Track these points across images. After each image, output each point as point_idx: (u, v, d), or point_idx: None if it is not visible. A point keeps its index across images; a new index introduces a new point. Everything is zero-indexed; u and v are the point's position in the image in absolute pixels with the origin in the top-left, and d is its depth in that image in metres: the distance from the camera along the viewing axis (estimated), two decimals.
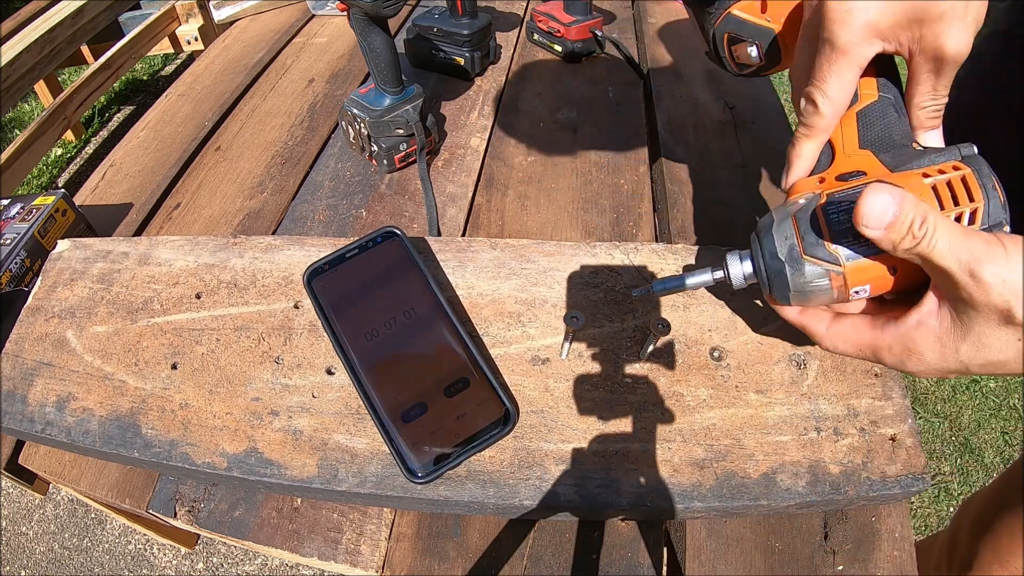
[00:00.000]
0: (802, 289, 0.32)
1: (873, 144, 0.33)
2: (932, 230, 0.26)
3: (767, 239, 0.33)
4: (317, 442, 0.40)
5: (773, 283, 0.33)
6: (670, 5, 0.98)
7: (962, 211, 0.29)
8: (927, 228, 0.27)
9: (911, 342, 0.30)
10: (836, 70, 0.32)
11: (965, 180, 0.29)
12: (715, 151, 0.69)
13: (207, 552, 1.09)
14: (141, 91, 2.23)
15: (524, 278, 0.46)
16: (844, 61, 0.32)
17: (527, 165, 0.69)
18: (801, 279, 0.32)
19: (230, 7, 1.07)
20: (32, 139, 1.39)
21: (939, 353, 0.29)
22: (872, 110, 0.34)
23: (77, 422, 0.42)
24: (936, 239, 0.26)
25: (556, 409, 0.40)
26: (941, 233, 0.26)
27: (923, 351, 0.30)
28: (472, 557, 0.41)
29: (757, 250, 0.34)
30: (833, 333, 0.33)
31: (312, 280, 0.43)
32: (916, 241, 0.27)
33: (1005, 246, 0.26)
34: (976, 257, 0.26)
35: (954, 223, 0.27)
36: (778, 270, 0.32)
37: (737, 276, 0.35)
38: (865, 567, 0.39)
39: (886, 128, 0.33)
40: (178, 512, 0.44)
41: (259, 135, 0.76)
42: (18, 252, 0.53)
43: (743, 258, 0.35)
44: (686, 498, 0.37)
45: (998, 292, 0.26)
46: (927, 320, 0.29)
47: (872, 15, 0.30)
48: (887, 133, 0.33)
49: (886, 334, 0.31)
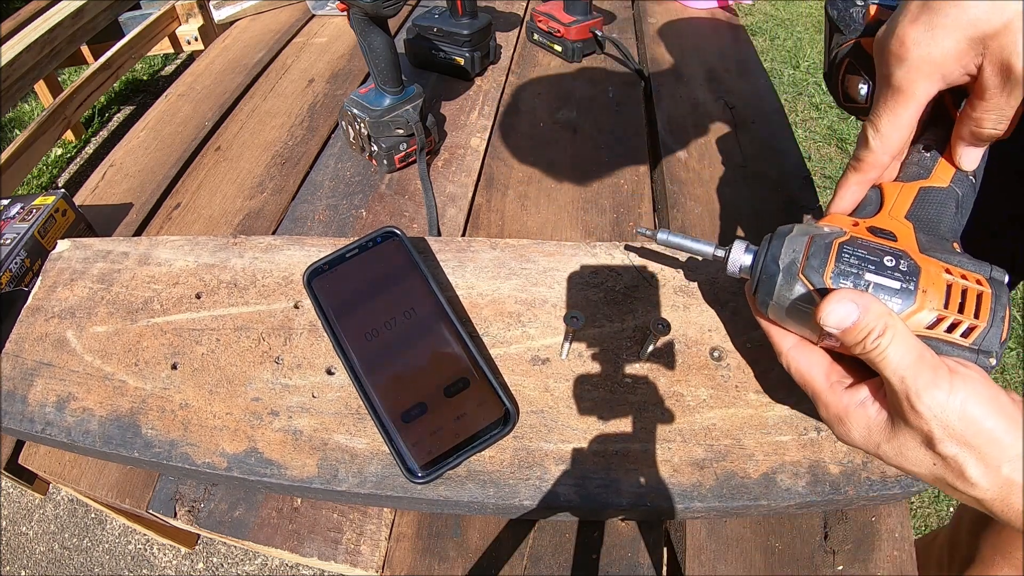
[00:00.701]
0: (782, 303, 0.32)
1: (919, 222, 0.33)
2: (888, 343, 0.27)
3: (777, 243, 0.33)
4: (317, 442, 0.40)
5: (761, 284, 0.34)
6: (670, 5, 0.98)
7: (962, 321, 0.29)
8: (882, 341, 0.27)
9: (846, 415, 0.31)
10: (890, 107, 0.31)
11: (981, 297, 0.29)
12: (715, 151, 0.69)
13: (207, 552, 1.09)
14: (141, 91, 2.23)
15: (524, 278, 0.46)
16: (898, 99, 0.31)
17: (527, 165, 0.69)
18: (787, 293, 0.32)
19: (230, 7, 1.07)
20: (32, 139, 1.39)
21: (864, 438, 0.30)
22: (935, 193, 0.34)
23: (77, 422, 0.42)
24: (888, 353, 0.27)
25: (556, 409, 0.40)
26: (896, 349, 0.27)
27: (851, 428, 0.31)
28: (472, 557, 0.41)
29: (764, 249, 0.34)
30: (794, 355, 0.33)
31: (312, 280, 0.43)
32: (869, 350, 0.28)
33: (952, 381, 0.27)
34: (917, 385, 0.27)
35: (915, 341, 0.28)
36: (771, 274, 0.33)
37: (735, 262, 0.36)
38: (865, 567, 0.39)
39: (938, 216, 0.33)
40: (178, 512, 0.44)
41: (259, 135, 0.76)
42: (18, 252, 0.53)
43: (749, 250, 0.36)
44: (686, 498, 0.37)
45: (927, 420, 0.27)
46: (867, 405, 0.30)
47: (929, 50, 0.29)
48: (937, 220, 0.33)
49: (831, 392, 0.32)
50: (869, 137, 0.33)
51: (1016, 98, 0.29)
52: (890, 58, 0.30)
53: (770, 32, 2.40)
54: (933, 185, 0.34)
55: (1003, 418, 0.27)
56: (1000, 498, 0.27)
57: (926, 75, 0.30)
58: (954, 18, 0.28)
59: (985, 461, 0.27)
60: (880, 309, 0.28)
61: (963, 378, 0.27)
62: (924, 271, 0.30)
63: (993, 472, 0.27)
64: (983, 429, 0.27)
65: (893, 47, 0.30)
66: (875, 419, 0.30)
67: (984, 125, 0.31)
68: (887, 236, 0.32)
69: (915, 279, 0.30)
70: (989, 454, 0.27)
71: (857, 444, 0.31)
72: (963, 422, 0.26)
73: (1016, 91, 0.29)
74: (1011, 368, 1.30)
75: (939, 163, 0.34)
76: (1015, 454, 0.27)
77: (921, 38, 0.29)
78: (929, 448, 0.28)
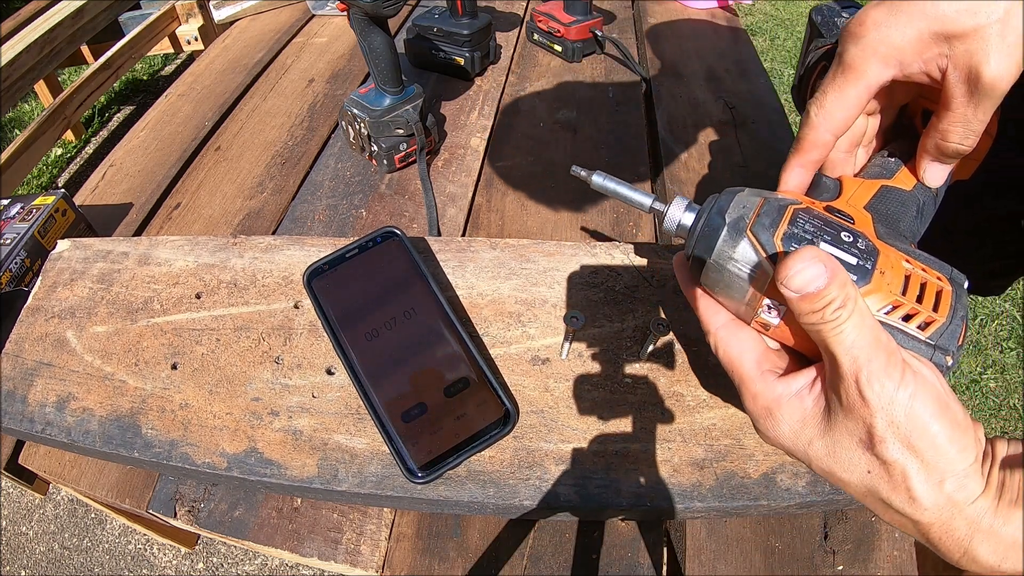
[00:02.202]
0: (722, 263, 0.28)
1: (878, 214, 0.31)
2: (845, 318, 0.24)
3: (726, 198, 0.29)
4: (317, 442, 0.40)
5: (700, 241, 0.29)
6: (670, 5, 0.98)
7: (919, 311, 0.26)
8: (842, 314, 0.24)
9: (777, 406, 0.27)
10: (838, 84, 0.29)
11: (941, 293, 0.27)
12: (715, 151, 0.69)
13: (207, 552, 1.09)
14: (141, 91, 2.23)
15: (524, 278, 0.46)
16: (848, 76, 0.29)
17: (527, 165, 0.69)
18: (729, 250, 0.28)
19: (230, 7, 1.07)
20: (32, 139, 1.39)
21: (793, 434, 0.27)
22: (897, 193, 0.31)
23: (77, 422, 0.42)
24: (845, 328, 0.24)
25: (556, 409, 0.40)
26: (853, 325, 0.24)
27: (781, 421, 0.27)
28: (472, 557, 0.41)
29: (709, 205, 0.30)
30: (723, 336, 0.30)
31: (312, 280, 0.43)
32: (823, 322, 0.24)
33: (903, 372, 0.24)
34: (871, 368, 0.23)
35: (874, 321, 0.24)
36: (714, 228, 0.29)
37: (673, 219, 0.32)
38: (865, 567, 0.39)
39: (898, 214, 0.31)
40: (178, 512, 0.44)
41: (259, 135, 0.76)
42: (18, 252, 0.53)
43: (691, 208, 0.31)
44: (686, 498, 0.37)
45: (873, 410, 0.23)
46: (803, 396, 0.27)
47: (888, 32, 0.28)
48: (896, 218, 0.31)
49: (762, 380, 0.28)
50: (812, 113, 0.30)
51: (984, 111, 0.27)
52: (847, 36, 0.29)
53: (770, 32, 2.40)
54: (895, 185, 0.32)
55: (949, 424, 0.23)
56: (940, 521, 0.23)
57: (881, 57, 0.28)
58: (921, 7, 0.27)
59: (928, 471, 0.23)
60: (845, 277, 0.24)
61: (915, 373, 0.24)
62: (883, 254, 0.27)
63: (934, 487, 0.23)
64: (928, 432, 0.23)
65: (852, 26, 0.29)
66: (810, 411, 0.26)
67: (950, 138, 0.29)
68: (844, 217, 0.29)
69: (873, 259, 0.27)
70: (932, 463, 0.23)
71: (783, 442, 0.27)
72: (909, 420, 0.23)
73: (984, 103, 0.27)
74: (1011, 368, 1.30)
75: (902, 169, 0.32)
76: (961, 469, 0.23)
77: (882, 20, 0.28)
78: (867, 449, 0.24)
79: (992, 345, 1.35)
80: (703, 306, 0.31)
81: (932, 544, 0.24)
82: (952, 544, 0.23)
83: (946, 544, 0.23)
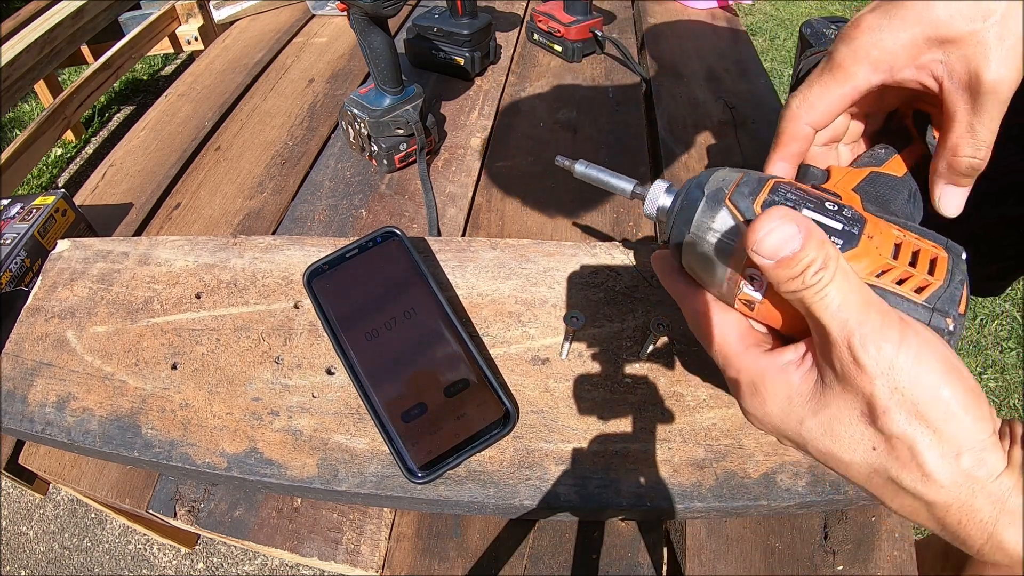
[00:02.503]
0: (700, 235, 0.27)
1: (867, 195, 0.29)
2: (828, 280, 0.21)
3: (704, 175, 0.28)
4: (317, 442, 0.40)
5: (679, 216, 0.28)
6: (670, 5, 0.98)
7: (912, 274, 0.24)
8: (824, 275, 0.21)
9: (763, 381, 0.25)
10: (824, 81, 0.29)
11: (936, 259, 0.25)
12: (715, 151, 0.69)
13: (207, 552, 1.09)
14: (141, 91, 2.23)
15: (524, 278, 0.46)
16: (836, 74, 0.29)
17: (527, 165, 0.69)
18: (708, 221, 0.26)
19: (230, 7, 1.07)
20: (32, 139, 1.39)
21: (783, 412, 0.24)
22: (887, 179, 0.30)
23: (77, 422, 0.42)
24: (829, 291, 0.21)
25: (556, 409, 0.40)
26: (839, 287, 0.21)
27: (768, 398, 0.25)
28: (472, 557, 0.41)
29: (688, 184, 0.29)
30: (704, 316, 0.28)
31: (312, 280, 0.43)
32: (804, 287, 0.22)
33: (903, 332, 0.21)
34: (864, 331, 0.21)
35: (860, 284, 0.22)
36: (693, 201, 0.27)
37: (652, 202, 0.31)
38: (865, 567, 0.39)
39: (889, 196, 0.30)
40: (178, 512, 0.44)
41: (259, 135, 0.76)
42: (18, 252, 0.53)
43: (671, 191, 0.31)
44: (686, 498, 0.37)
45: (871, 377, 0.21)
46: (791, 370, 0.24)
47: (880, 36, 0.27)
48: (887, 200, 0.29)
49: (747, 355, 0.26)
50: (792, 105, 0.30)
51: (990, 118, 0.26)
52: (841, 38, 0.28)
53: (770, 32, 2.40)
54: (886, 172, 0.31)
55: (962, 390, 0.20)
56: (959, 502, 0.20)
57: (872, 61, 0.27)
58: (916, 12, 0.26)
59: (941, 443, 0.20)
60: (822, 236, 0.21)
61: (917, 333, 0.21)
62: (871, 221, 0.25)
63: (950, 462, 0.20)
64: (938, 399, 0.20)
65: (847, 29, 0.28)
66: (799, 386, 0.24)
67: (960, 153, 0.27)
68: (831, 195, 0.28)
69: (860, 225, 0.25)
70: (945, 434, 0.20)
71: (772, 422, 0.25)
72: (915, 385, 0.20)
73: (988, 110, 0.26)
74: (1011, 368, 1.30)
75: (893, 157, 0.31)
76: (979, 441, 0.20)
77: (876, 23, 0.27)
78: (870, 423, 0.21)
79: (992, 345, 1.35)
80: (680, 287, 0.29)
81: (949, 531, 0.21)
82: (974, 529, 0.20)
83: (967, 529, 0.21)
